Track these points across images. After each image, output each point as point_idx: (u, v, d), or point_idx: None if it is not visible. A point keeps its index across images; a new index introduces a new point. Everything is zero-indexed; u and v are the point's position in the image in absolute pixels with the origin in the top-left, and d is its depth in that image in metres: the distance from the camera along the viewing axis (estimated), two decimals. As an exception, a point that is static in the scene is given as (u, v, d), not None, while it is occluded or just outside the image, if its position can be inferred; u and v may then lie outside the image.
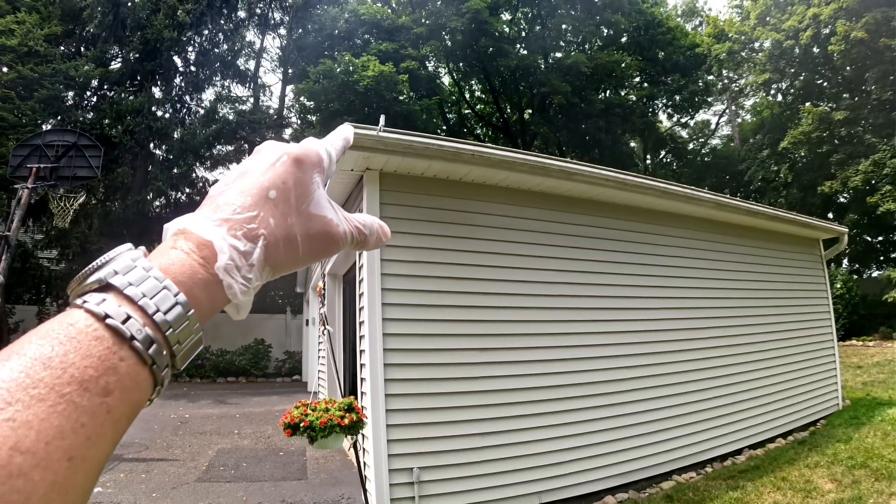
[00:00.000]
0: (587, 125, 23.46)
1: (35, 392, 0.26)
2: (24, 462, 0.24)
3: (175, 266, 0.36)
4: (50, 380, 0.27)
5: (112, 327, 0.31)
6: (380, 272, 4.21)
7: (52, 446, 0.26)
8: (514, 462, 4.43)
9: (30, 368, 0.27)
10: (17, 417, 0.25)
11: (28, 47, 15.00)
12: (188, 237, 0.38)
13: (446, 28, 20.97)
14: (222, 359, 14.71)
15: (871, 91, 18.93)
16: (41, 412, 0.26)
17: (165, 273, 0.35)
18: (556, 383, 4.79)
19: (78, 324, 0.30)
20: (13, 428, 0.25)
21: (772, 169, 22.46)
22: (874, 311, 16.93)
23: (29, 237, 16.34)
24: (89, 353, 0.29)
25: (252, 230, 0.39)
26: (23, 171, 9.13)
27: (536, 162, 4.66)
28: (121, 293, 0.33)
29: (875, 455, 5.52)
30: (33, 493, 0.24)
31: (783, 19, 20.84)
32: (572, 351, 4.97)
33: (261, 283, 0.40)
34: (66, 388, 0.27)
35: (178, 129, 17.90)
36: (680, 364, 5.69)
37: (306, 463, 6.29)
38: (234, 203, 0.40)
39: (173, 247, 0.38)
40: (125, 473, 5.72)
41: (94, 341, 0.30)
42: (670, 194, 5.63)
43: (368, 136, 3.96)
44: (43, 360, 0.27)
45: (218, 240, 0.38)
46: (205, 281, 0.37)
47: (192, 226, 0.39)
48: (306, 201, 0.43)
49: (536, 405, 4.64)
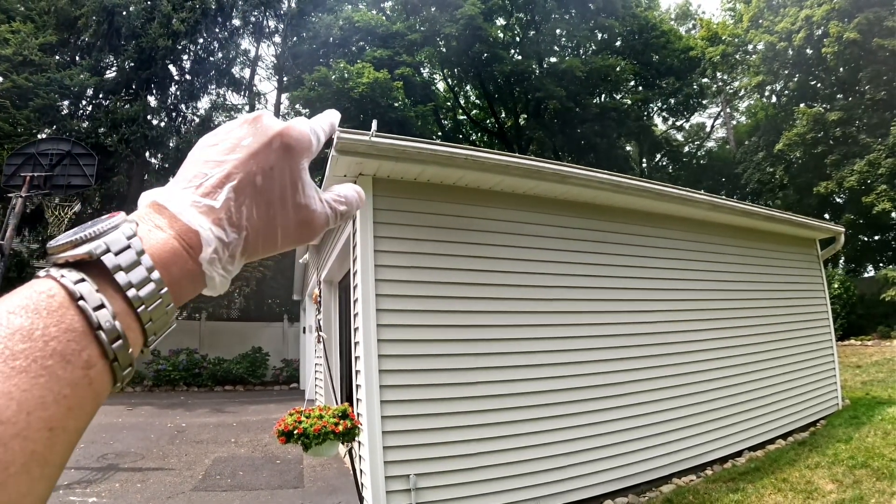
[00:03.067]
0: (582, 129, 23.53)
1: (16, 364, 0.26)
2: (4, 432, 0.24)
3: (166, 253, 0.35)
4: (31, 352, 0.27)
5: (82, 309, 0.30)
6: (374, 278, 4.19)
7: (33, 417, 0.26)
8: (512, 468, 4.38)
9: (8, 339, 0.27)
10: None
11: (23, 56, 14.98)
12: (174, 221, 0.37)
13: (441, 34, 21.05)
14: (219, 367, 14.63)
15: (864, 91, 19.04)
16: (22, 383, 0.26)
17: (156, 260, 0.34)
18: (553, 388, 4.76)
19: (57, 296, 0.30)
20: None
21: (767, 170, 22.53)
22: (872, 311, 16.95)
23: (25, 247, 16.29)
24: (72, 328, 0.29)
25: (235, 219, 0.38)
26: (17, 179, 9.10)
27: (530, 165, 4.65)
28: (107, 275, 0.32)
29: (876, 454, 5.49)
30: (12, 463, 0.24)
31: (776, 21, 20.97)
32: (569, 355, 4.94)
33: (236, 271, 0.40)
34: (48, 361, 0.27)
35: (174, 138, 17.89)
36: (678, 367, 5.66)
37: (303, 471, 6.24)
38: (221, 186, 0.39)
39: (159, 226, 0.36)
40: (120, 483, 5.66)
41: (77, 317, 0.30)
42: (665, 196, 5.62)
43: (361, 142, 3.94)
44: (23, 331, 0.27)
45: (205, 231, 0.37)
46: (191, 272, 0.37)
47: (176, 207, 0.37)
48: (291, 191, 0.42)
49: (533, 410, 4.60)
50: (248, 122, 0.43)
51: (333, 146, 3.90)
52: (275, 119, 0.43)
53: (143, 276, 0.33)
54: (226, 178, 0.39)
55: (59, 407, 0.27)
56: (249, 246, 0.40)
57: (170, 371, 13.88)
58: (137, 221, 0.36)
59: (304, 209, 0.43)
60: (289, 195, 0.42)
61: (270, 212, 0.40)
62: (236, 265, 0.40)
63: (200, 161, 0.40)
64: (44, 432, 0.26)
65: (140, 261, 0.33)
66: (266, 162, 0.40)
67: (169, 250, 0.36)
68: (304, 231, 0.43)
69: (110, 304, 0.31)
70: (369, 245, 4.21)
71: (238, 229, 0.39)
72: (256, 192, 0.40)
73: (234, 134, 0.42)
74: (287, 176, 0.41)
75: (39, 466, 0.26)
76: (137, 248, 0.34)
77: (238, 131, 0.42)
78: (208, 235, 0.37)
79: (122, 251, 0.33)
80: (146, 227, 0.36)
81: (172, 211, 0.37)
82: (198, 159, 0.41)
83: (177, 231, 0.36)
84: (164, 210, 0.37)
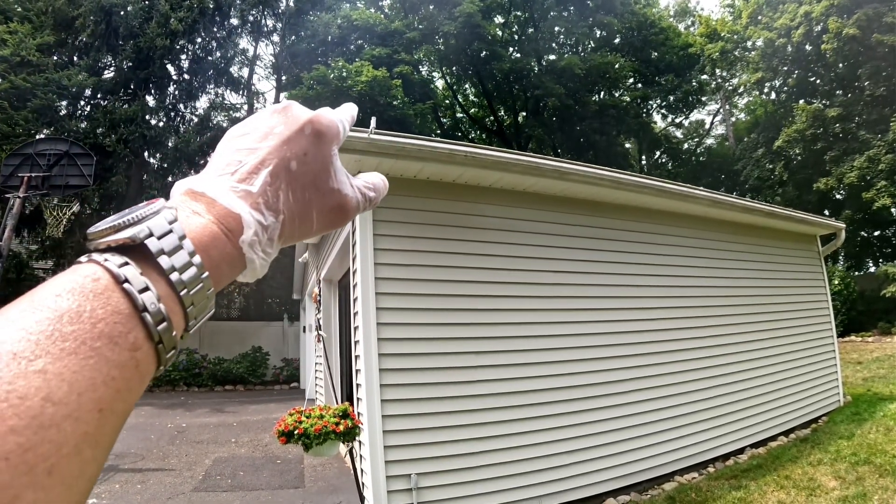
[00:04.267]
0: (582, 127, 23.49)
1: (66, 345, 0.26)
2: (57, 412, 0.25)
3: (206, 237, 0.36)
4: (79, 333, 0.27)
5: (127, 292, 0.30)
6: (374, 276, 4.16)
7: (84, 398, 0.26)
8: (514, 466, 4.36)
9: (57, 321, 0.27)
10: (49, 369, 0.25)
11: (20, 57, 14.94)
12: (212, 205, 0.37)
13: (439, 32, 20.99)
14: (220, 367, 14.62)
15: (864, 87, 19.00)
16: (73, 364, 0.26)
17: (196, 244, 0.35)
18: (554, 385, 4.73)
19: (102, 280, 0.30)
20: (45, 379, 0.25)
21: (767, 167, 22.48)
22: (872, 307, 16.94)
23: (24, 247, 16.27)
24: (118, 310, 0.29)
25: (273, 203, 0.39)
26: (15, 180, 9.06)
27: (530, 162, 4.62)
28: (150, 258, 0.33)
29: (878, 451, 5.47)
30: (65, 444, 0.25)
31: (775, 18, 20.92)
32: (570, 353, 4.92)
33: (274, 255, 0.41)
34: (96, 343, 0.27)
35: (173, 138, 17.85)
36: (679, 364, 5.64)
37: (304, 471, 6.22)
38: (257, 172, 0.40)
39: (197, 212, 0.37)
40: (120, 484, 5.64)
41: (123, 299, 0.30)
42: (666, 192, 5.59)
43: (360, 139, 3.91)
44: (71, 313, 0.27)
45: (246, 214, 0.38)
46: (230, 255, 0.37)
47: (213, 192, 0.38)
48: (325, 175, 0.43)
49: (534, 408, 4.58)
50: (278, 111, 0.44)
51: (332, 144, 3.87)
52: (304, 108, 0.44)
53: (186, 260, 0.34)
54: (261, 164, 0.40)
55: (108, 388, 0.27)
56: (286, 230, 0.41)
57: (170, 371, 13.85)
58: (176, 208, 0.36)
59: (338, 193, 0.44)
60: (322, 180, 0.43)
61: (306, 196, 0.42)
62: (274, 248, 0.41)
63: (233, 149, 0.41)
64: (94, 413, 0.26)
65: (182, 245, 0.34)
66: (299, 147, 0.42)
67: (208, 234, 0.36)
68: (338, 215, 0.45)
69: (154, 286, 0.32)
70: (369, 243, 4.19)
71: (276, 213, 0.40)
72: (292, 177, 0.41)
73: (265, 122, 0.43)
74: (320, 161, 0.43)
75: (91, 448, 0.26)
76: (179, 232, 0.34)
77: (269, 120, 0.43)
78: (248, 218, 0.38)
79: (165, 235, 0.33)
80: (184, 213, 0.36)
81: (211, 196, 0.38)
82: (229, 148, 0.42)
83: (215, 216, 0.37)
84: (201, 196, 0.38)
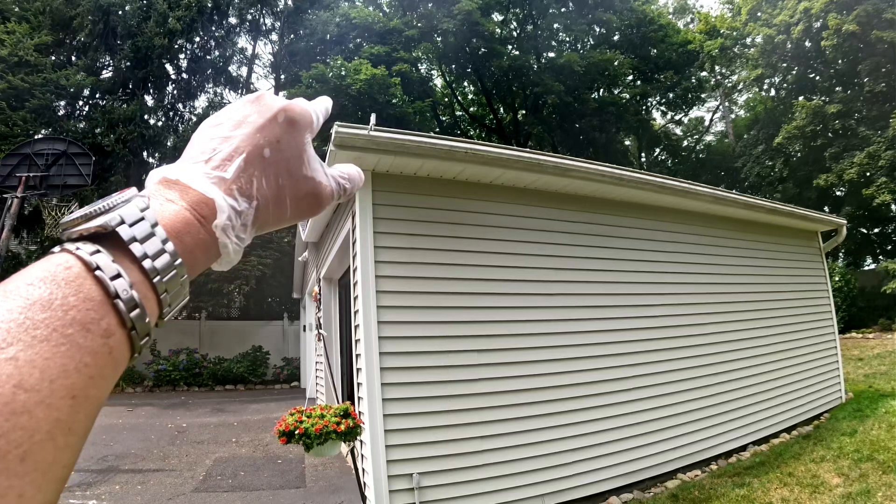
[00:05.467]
0: (581, 124, 23.44)
1: (37, 333, 0.26)
2: (28, 399, 0.25)
3: (179, 223, 0.36)
4: (51, 321, 0.27)
5: (99, 279, 0.31)
6: (374, 274, 4.13)
7: (56, 385, 0.26)
8: (516, 465, 4.34)
9: (28, 310, 0.27)
10: (20, 356, 0.25)
11: (18, 57, 14.91)
12: (186, 192, 0.38)
13: (438, 30, 20.93)
14: (220, 367, 14.58)
15: (863, 84, 18.96)
16: (44, 352, 0.26)
17: (169, 231, 0.35)
18: (556, 383, 4.71)
19: (74, 267, 0.30)
20: (17, 367, 0.25)
21: (767, 164, 22.46)
22: (873, 303, 16.93)
23: (23, 248, 16.24)
24: (90, 297, 0.29)
25: (246, 189, 0.40)
26: (13, 180, 9.02)
27: (531, 159, 4.59)
28: (122, 246, 0.33)
29: (881, 447, 5.45)
30: (37, 431, 0.25)
31: (774, 14, 20.88)
32: (572, 350, 4.89)
33: (248, 241, 0.41)
34: (68, 330, 0.28)
35: (172, 137, 17.82)
36: (681, 361, 5.62)
37: (305, 470, 6.20)
38: (231, 160, 0.40)
39: (170, 199, 0.37)
40: (120, 485, 5.62)
41: (95, 286, 0.30)
42: (667, 189, 5.56)
43: (359, 136, 3.88)
44: (42, 301, 0.28)
45: (220, 199, 0.38)
46: (204, 241, 0.37)
47: (187, 179, 0.38)
48: (298, 163, 0.44)
49: (537, 406, 4.56)
50: (251, 101, 0.44)
51: (332, 141, 3.85)
52: (276, 97, 0.45)
53: (158, 247, 0.34)
54: (235, 152, 0.40)
55: (81, 375, 0.27)
56: (261, 216, 0.41)
57: (170, 371, 13.83)
58: (149, 196, 0.36)
59: (311, 181, 0.45)
60: (296, 167, 0.43)
61: (279, 182, 0.42)
62: (248, 234, 0.41)
63: (207, 138, 0.42)
64: (67, 400, 0.26)
65: (154, 232, 0.34)
66: (272, 135, 0.42)
67: (181, 220, 0.36)
68: (312, 202, 0.45)
69: (127, 274, 0.32)
70: (369, 241, 4.16)
71: (249, 199, 0.40)
72: (265, 164, 0.41)
73: (239, 112, 0.43)
74: (293, 148, 0.43)
75: (63, 434, 0.26)
76: (151, 219, 0.34)
77: (242, 109, 0.43)
78: (222, 203, 0.38)
79: (137, 223, 0.33)
80: (157, 201, 0.36)
81: (185, 182, 0.38)
82: (204, 137, 0.42)
83: (189, 202, 0.37)
84: (175, 184, 0.38)
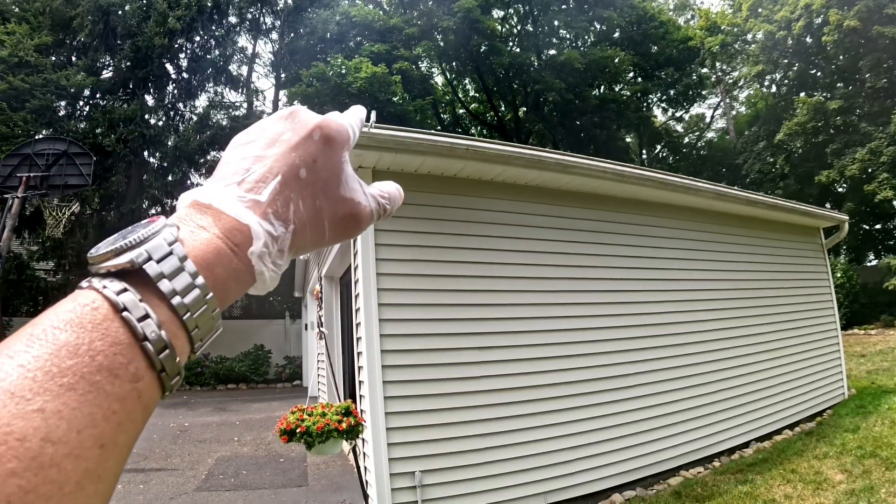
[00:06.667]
0: (582, 121, 23.40)
1: (64, 381, 0.26)
2: (56, 452, 0.24)
3: (210, 254, 0.34)
4: (78, 368, 0.26)
5: (126, 321, 0.30)
6: (375, 273, 4.13)
7: (84, 435, 0.25)
8: (518, 462, 4.34)
9: (55, 356, 0.26)
10: (47, 407, 0.25)
11: (19, 58, 14.90)
12: (219, 217, 0.36)
13: (438, 28, 20.89)
14: (222, 366, 14.60)
15: (865, 79, 18.91)
16: (71, 401, 0.25)
17: (199, 263, 0.33)
18: (558, 381, 4.70)
19: (101, 308, 0.29)
20: (44, 418, 0.24)
21: (768, 160, 22.43)
22: (875, 300, 16.90)
23: (25, 248, 16.26)
24: (118, 340, 0.29)
25: (283, 213, 0.38)
26: (13, 181, 9.02)
27: (532, 155, 4.58)
28: (150, 284, 0.31)
29: (884, 444, 5.44)
30: (66, 482, 0.24)
31: (775, 10, 20.83)
32: (574, 347, 4.88)
33: (285, 267, 0.39)
34: (95, 377, 0.27)
35: (172, 137, 17.81)
36: (683, 358, 5.61)
37: (307, 469, 6.20)
38: (266, 181, 0.38)
39: (202, 226, 0.35)
40: (123, 485, 5.62)
41: (122, 328, 0.29)
42: (669, 185, 5.55)
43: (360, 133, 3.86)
44: (69, 347, 0.27)
45: (255, 224, 0.36)
46: (237, 271, 0.36)
47: (220, 203, 0.36)
48: (335, 183, 0.41)
49: (540, 404, 4.55)
50: (284, 117, 0.42)
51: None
52: (311, 112, 0.43)
53: (188, 282, 0.33)
54: (269, 173, 0.38)
55: (109, 423, 0.27)
56: (297, 240, 0.39)
57: (172, 371, 13.84)
58: (179, 225, 0.35)
59: (350, 202, 0.42)
60: (333, 187, 0.41)
61: (317, 204, 0.40)
62: (285, 260, 0.39)
63: (238, 158, 0.40)
64: (95, 450, 0.26)
65: (183, 267, 0.33)
66: (308, 154, 0.40)
67: (213, 251, 0.35)
68: (351, 224, 0.43)
69: (155, 313, 0.31)
70: (370, 239, 4.16)
71: (286, 223, 0.38)
72: (301, 186, 0.39)
73: (272, 129, 0.41)
74: (330, 168, 0.41)
75: (93, 483, 0.26)
76: (180, 253, 0.33)
77: (275, 126, 0.41)
78: (258, 229, 0.36)
79: (165, 258, 0.32)
80: (188, 228, 0.35)
81: (217, 207, 0.36)
82: (235, 156, 0.40)
83: (221, 230, 0.36)
84: (207, 209, 0.36)
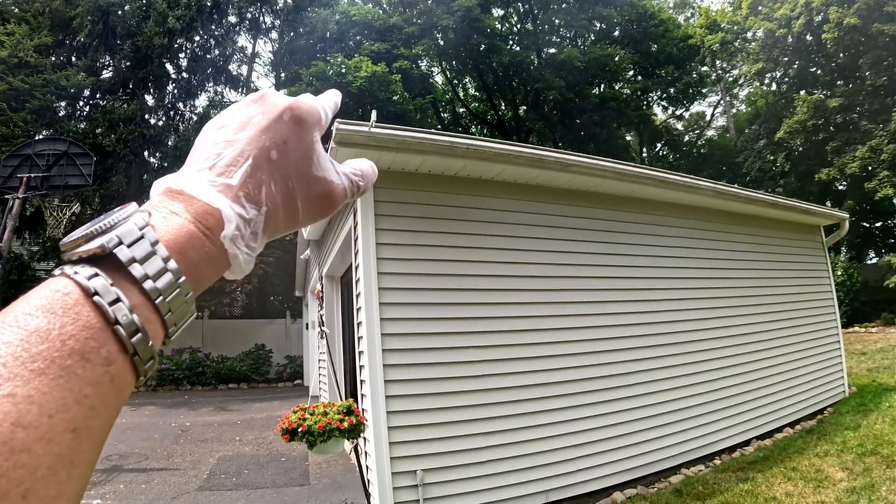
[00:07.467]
0: (582, 120, 23.41)
1: (35, 366, 0.26)
2: (27, 437, 0.24)
3: (182, 238, 0.34)
4: (49, 353, 0.26)
5: (98, 305, 0.29)
6: (376, 272, 4.13)
7: (56, 419, 0.25)
8: (519, 461, 4.34)
9: (25, 342, 0.26)
10: (18, 392, 0.25)
11: (18, 58, 14.89)
12: (190, 203, 0.36)
13: (438, 26, 20.90)
14: (223, 366, 14.60)
15: (865, 77, 18.90)
16: (42, 386, 0.25)
17: (171, 247, 0.33)
18: (559, 379, 4.71)
19: (72, 294, 0.29)
20: (14, 403, 0.24)
21: (768, 158, 22.43)
22: (875, 298, 16.91)
23: (26, 249, 16.26)
24: (89, 325, 0.29)
25: (254, 195, 0.38)
26: (14, 181, 9.03)
27: (532, 154, 4.58)
28: (121, 268, 0.31)
29: (885, 442, 5.44)
30: (38, 467, 0.24)
31: (775, 8, 20.80)
32: (575, 346, 4.89)
33: (260, 249, 0.40)
34: (66, 361, 0.27)
35: (172, 137, 17.80)
36: (684, 356, 5.61)
37: (308, 468, 6.21)
38: (237, 165, 0.38)
39: (174, 212, 0.35)
40: (125, 484, 5.63)
41: (93, 313, 0.29)
42: (669, 183, 5.55)
43: (360, 132, 3.88)
44: (40, 332, 0.27)
45: (226, 208, 0.36)
46: (210, 254, 0.36)
47: (192, 189, 0.36)
48: (307, 163, 0.42)
49: (541, 402, 4.56)
50: (255, 100, 0.42)
51: (332, 138, 3.84)
52: (281, 95, 0.43)
53: (160, 266, 0.32)
54: (240, 156, 0.38)
55: (82, 407, 0.27)
56: (271, 222, 0.39)
57: (173, 370, 13.87)
58: (150, 210, 0.35)
59: (323, 181, 0.43)
60: (305, 167, 0.41)
61: (289, 185, 0.40)
62: (259, 243, 0.39)
63: (210, 143, 0.40)
64: (67, 434, 0.26)
65: (155, 251, 0.33)
66: (279, 136, 0.40)
67: (185, 235, 0.35)
68: (324, 203, 0.43)
69: (126, 297, 0.31)
70: (371, 238, 4.16)
71: (258, 205, 0.38)
72: (273, 167, 0.39)
73: (242, 113, 0.41)
74: (301, 148, 0.41)
75: (66, 468, 0.25)
76: (151, 237, 0.33)
77: (246, 110, 0.41)
78: (229, 212, 0.36)
79: (136, 242, 0.32)
80: (160, 214, 0.35)
81: (189, 192, 0.36)
82: (207, 141, 0.40)
83: (193, 214, 0.36)
84: (179, 194, 0.36)
